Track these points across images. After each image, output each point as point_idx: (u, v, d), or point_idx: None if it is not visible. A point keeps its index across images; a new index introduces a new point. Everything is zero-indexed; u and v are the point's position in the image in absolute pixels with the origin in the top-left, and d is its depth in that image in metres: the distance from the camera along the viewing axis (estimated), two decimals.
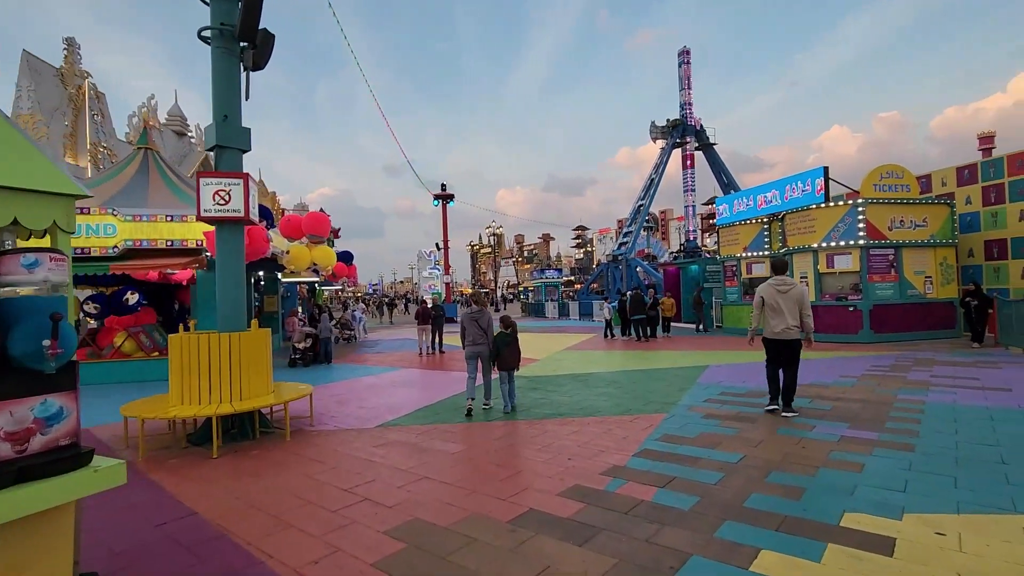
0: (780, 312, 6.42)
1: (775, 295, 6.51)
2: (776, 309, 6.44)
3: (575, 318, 29.63)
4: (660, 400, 7.61)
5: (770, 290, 6.56)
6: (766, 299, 6.56)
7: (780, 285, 6.53)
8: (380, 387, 9.81)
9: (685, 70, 36.16)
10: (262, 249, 9.90)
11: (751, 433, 5.72)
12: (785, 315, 6.39)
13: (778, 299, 6.46)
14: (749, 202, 16.47)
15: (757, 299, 6.67)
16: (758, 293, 6.68)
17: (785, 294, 6.46)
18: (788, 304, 6.40)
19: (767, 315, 6.57)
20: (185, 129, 44.09)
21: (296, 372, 12.27)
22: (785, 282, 6.56)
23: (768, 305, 6.53)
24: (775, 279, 6.64)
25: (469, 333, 7.30)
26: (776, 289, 6.52)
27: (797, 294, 6.45)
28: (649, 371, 10.41)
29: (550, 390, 8.76)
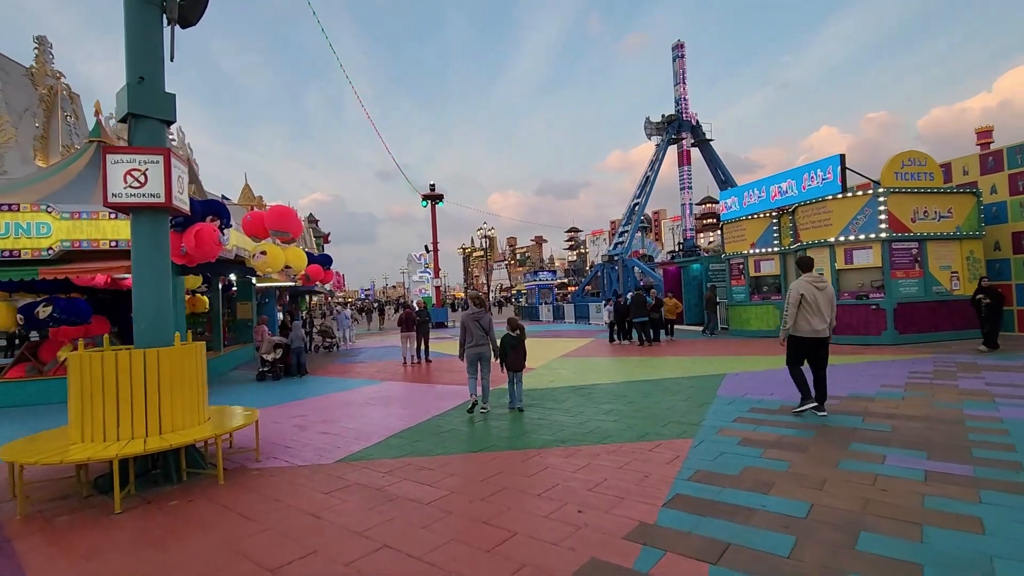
0: (818, 310, 6.22)
1: (815, 292, 6.24)
2: (814, 307, 6.21)
3: (570, 321, 28.45)
4: (681, 420, 6.39)
5: (810, 287, 6.26)
6: (806, 296, 6.23)
7: (817, 282, 6.31)
8: (353, 405, 8.53)
9: (679, 64, 35.17)
10: (211, 251, 8.59)
11: (807, 467, 4.51)
12: (823, 313, 6.23)
13: (818, 296, 6.23)
14: (761, 193, 15.32)
15: (795, 296, 6.30)
16: (796, 290, 6.33)
17: (822, 291, 6.26)
18: (825, 301, 6.24)
19: (804, 313, 6.28)
20: None
21: (264, 387, 10.95)
22: (821, 279, 6.39)
23: (807, 303, 6.23)
24: (810, 276, 6.37)
25: (471, 334, 7.33)
26: (815, 286, 6.26)
27: (831, 292, 6.36)
28: (659, 382, 9.19)
29: (549, 407, 7.52)
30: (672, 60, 35.56)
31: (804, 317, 6.27)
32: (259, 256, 10.56)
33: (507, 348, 7.37)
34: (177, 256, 8.75)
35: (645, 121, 35.24)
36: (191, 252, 8.56)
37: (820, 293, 6.25)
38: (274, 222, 10.02)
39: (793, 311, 6.29)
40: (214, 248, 8.67)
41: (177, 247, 8.62)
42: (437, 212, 32.37)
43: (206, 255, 8.71)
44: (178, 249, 8.63)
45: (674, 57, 35.46)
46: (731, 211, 16.92)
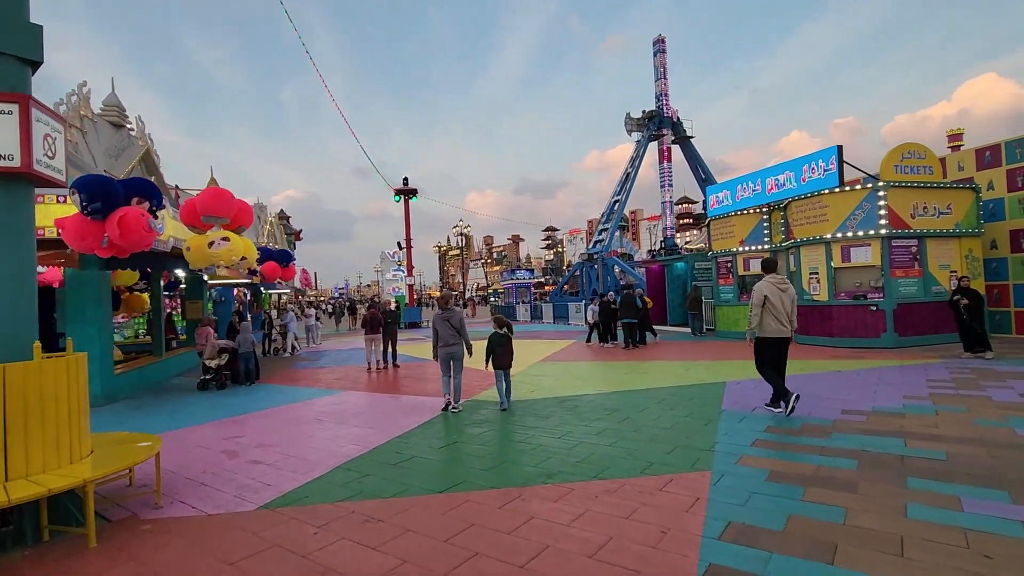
0: (780, 311, 6.33)
1: (778, 294, 6.34)
2: (778, 308, 6.32)
3: (549, 321, 27.43)
4: (688, 443, 5.35)
5: (773, 288, 6.37)
6: (770, 297, 6.32)
7: (780, 283, 6.43)
8: (300, 423, 7.27)
9: (660, 59, 34.49)
10: (141, 239, 7.23)
11: (869, 516, 3.49)
12: (784, 314, 6.34)
13: (782, 298, 6.35)
14: (756, 187, 14.46)
15: (758, 298, 6.39)
16: (760, 292, 6.41)
17: (785, 292, 6.39)
18: (787, 302, 6.37)
19: (767, 315, 6.36)
20: (123, 120, 40.10)
21: (204, 399, 9.57)
22: (783, 281, 6.50)
23: (771, 304, 6.32)
24: (774, 277, 6.49)
25: (441, 335, 7.30)
26: (778, 288, 6.38)
27: (793, 292, 6.51)
28: (654, 392, 8.17)
29: (532, 425, 6.41)
30: (653, 55, 34.85)
31: (769, 318, 6.34)
32: (220, 243, 9.07)
33: (495, 346, 7.36)
34: (99, 248, 7.37)
35: (626, 117, 34.45)
36: (116, 242, 7.19)
37: (783, 294, 6.36)
38: (206, 205, 8.65)
39: (758, 311, 6.38)
40: (144, 236, 7.32)
41: (98, 238, 7.24)
42: (414, 209, 31.03)
43: (135, 245, 7.35)
44: (99, 240, 7.25)
45: (655, 52, 34.76)
46: (721, 206, 16.07)
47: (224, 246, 8.87)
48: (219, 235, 8.85)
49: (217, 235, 8.85)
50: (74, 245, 7.09)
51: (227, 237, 8.83)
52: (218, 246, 8.78)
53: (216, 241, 8.78)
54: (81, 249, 7.18)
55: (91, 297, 9.23)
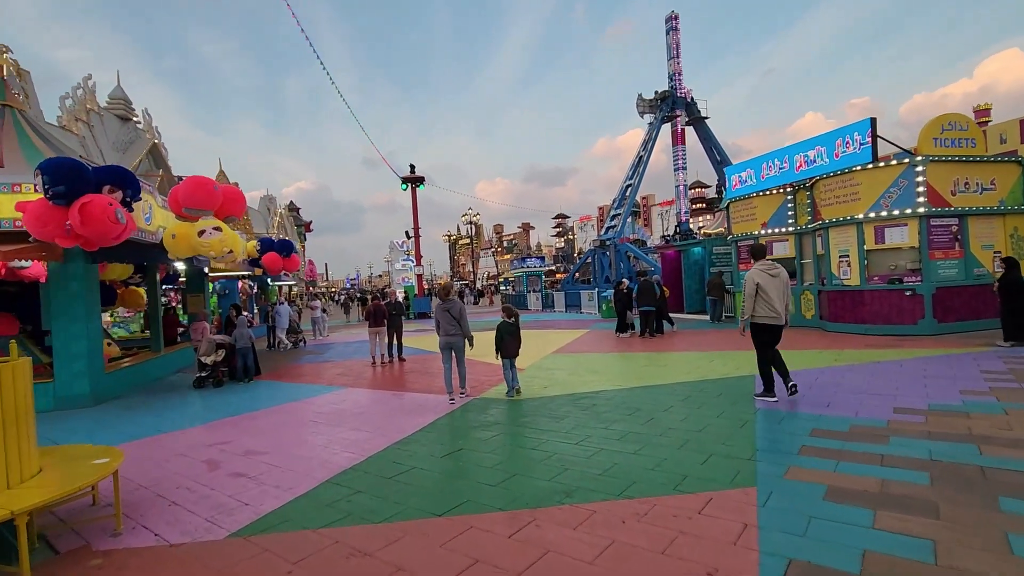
0: (773, 298, 6.21)
1: (769, 280, 6.25)
2: (768, 294, 6.22)
3: (561, 310, 26.74)
4: (726, 450, 4.69)
5: (764, 275, 6.29)
6: (761, 284, 6.24)
7: (771, 269, 6.32)
8: (294, 425, 6.72)
9: (673, 37, 33.25)
10: (105, 230, 6.68)
11: (964, 552, 2.82)
12: (776, 300, 6.22)
13: (772, 283, 6.24)
14: (783, 164, 13.51)
15: (750, 287, 6.31)
16: (751, 280, 6.34)
17: (776, 278, 6.28)
18: (780, 288, 6.25)
19: (760, 302, 6.29)
20: (130, 114, 39.76)
21: (197, 398, 9.08)
22: (774, 266, 6.38)
23: (762, 291, 6.24)
24: (764, 263, 6.40)
25: (442, 325, 7.36)
26: (768, 274, 6.28)
27: (785, 278, 6.37)
28: (677, 388, 7.51)
29: (545, 428, 5.78)
30: (665, 33, 33.62)
31: (762, 305, 6.27)
32: (211, 232, 8.51)
33: (503, 335, 7.41)
34: (63, 236, 6.82)
35: (638, 98, 33.35)
36: (78, 231, 6.64)
37: (774, 280, 6.24)
38: (188, 196, 8.08)
39: (750, 302, 6.29)
40: (109, 227, 6.76)
41: (60, 225, 6.69)
42: (423, 199, 30.39)
43: (99, 235, 6.80)
44: (61, 227, 6.70)
45: (667, 30, 33.51)
46: (745, 186, 15.14)
47: (215, 236, 8.32)
48: (211, 224, 8.29)
49: (209, 224, 8.29)
50: (34, 231, 6.56)
51: (219, 227, 8.27)
52: (209, 235, 8.23)
53: (208, 230, 8.23)
54: (42, 236, 6.65)
55: (76, 292, 8.73)
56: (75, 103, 25.63)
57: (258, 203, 56.37)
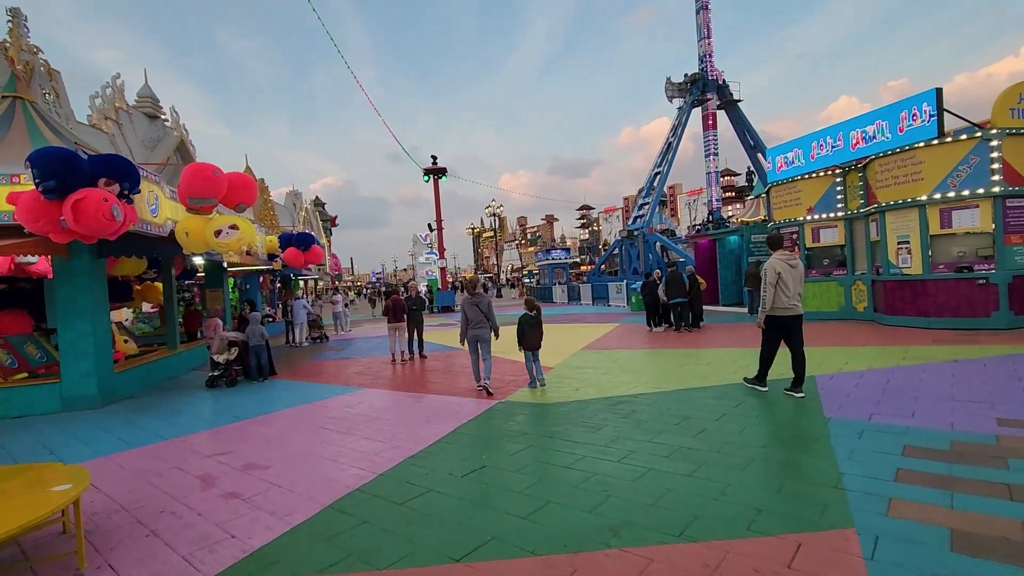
0: (791, 288, 6.19)
1: (788, 270, 6.20)
2: (788, 285, 6.17)
3: (587, 303, 25.90)
4: (803, 474, 3.90)
5: (784, 265, 6.22)
6: (782, 275, 6.17)
7: (790, 260, 6.29)
8: (302, 433, 6.13)
9: (704, 17, 31.73)
10: (99, 227, 6.18)
11: None
12: (792, 290, 6.19)
13: (791, 274, 6.20)
14: (836, 142, 12.35)
15: (772, 275, 6.20)
16: (773, 268, 6.22)
17: (795, 268, 6.25)
18: (796, 279, 6.23)
19: (780, 292, 6.20)
20: (158, 111, 40.22)
21: (208, 399, 8.62)
22: (792, 257, 6.36)
23: (782, 281, 6.18)
24: (783, 254, 6.35)
25: (470, 318, 7.40)
26: (788, 264, 6.24)
27: (802, 269, 6.36)
28: (726, 391, 6.69)
29: (580, 439, 5.06)
30: (695, 12, 32.14)
31: (781, 295, 6.19)
32: (228, 232, 8.00)
33: (525, 328, 7.46)
34: (57, 231, 6.35)
35: (666, 82, 32.02)
36: (72, 227, 6.15)
37: (792, 271, 6.21)
38: (189, 186, 7.54)
39: (772, 291, 6.20)
40: (103, 224, 6.25)
41: (53, 220, 6.21)
42: (447, 192, 29.88)
43: (93, 231, 6.28)
44: (55, 223, 6.22)
45: (697, 8, 32.00)
46: (791, 168, 13.99)
47: (232, 236, 7.80)
48: (227, 222, 7.76)
49: (226, 222, 7.76)
50: (27, 225, 6.10)
51: (236, 225, 7.73)
52: (226, 235, 7.69)
53: (224, 229, 7.69)
54: (35, 231, 6.18)
55: (83, 288, 8.33)
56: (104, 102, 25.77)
57: (284, 199, 56.80)
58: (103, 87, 26.46)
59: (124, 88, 27.10)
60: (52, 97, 30.80)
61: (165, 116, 40.78)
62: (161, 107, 40.26)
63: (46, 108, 22.83)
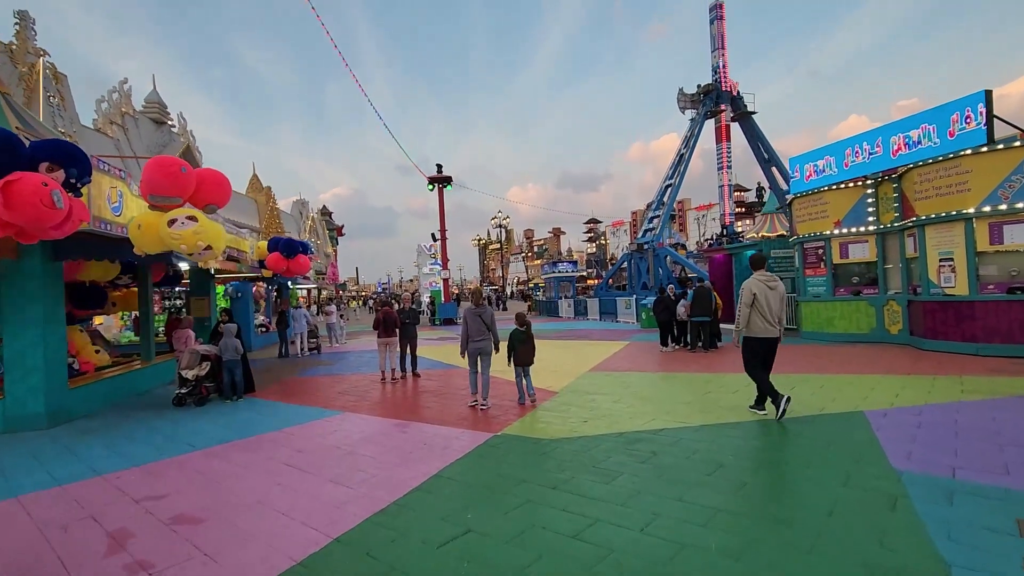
0: (767, 310, 6.00)
1: (767, 291, 6.04)
2: (766, 307, 6.00)
3: (595, 318, 24.88)
4: (896, 561, 2.89)
5: (762, 286, 6.07)
6: (758, 296, 6.02)
7: (769, 281, 6.12)
8: (261, 471, 5.16)
9: (718, 27, 31.06)
10: (38, 216, 5.32)
11: None
12: (772, 313, 6.01)
13: (769, 296, 6.03)
14: (874, 149, 11.30)
15: (747, 296, 6.08)
16: (748, 289, 6.09)
17: (774, 290, 6.07)
18: (775, 301, 6.04)
19: (755, 314, 6.05)
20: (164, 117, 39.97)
21: (171, 420, 7.68)
22: (772, 278, 6.16)
23: (759, 303, 6.01)
24: (762, 275, 6.18)
25: (472, 329, 7.25)
26: (767, 285, 6.07)
27: (783, 290, 6.15)
28: (761, 428, 5.69)
29: (590, 494, 4.07)
30: (709, 23, 31.48)
31: (757, 317, 6.06)
32: (184, 223, 7.08)
33: (515, 343, 7.36)
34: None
35: (679, 93, 31.23)
36: (3, 216, 5.28)
37: (772, 292, 6.06)
38: (151, 182, 6.66)
39: (746, 311, 6.09)
40: (40, 212, 5.38)
41: None
42: (456, 203, 29.24)
43: (32, 223, 5.41)
44: None
45: (711, 19, 31.34)
46: (822, 176, 12.94)
47: (188, 227, 6.88)
48: (184, 212, 6.87)
49: (181, 212, 6.88)
50: None
51: (194, 216, 6.84)
52: (181, 226, 6.79)
53: (180, 219, 6.80)
54: None
55: (33, 293, 7.46)
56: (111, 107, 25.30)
57: (291, 207, 56.39)
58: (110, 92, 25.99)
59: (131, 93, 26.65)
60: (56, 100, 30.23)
61: (172, 122, 40.33)
62: (168, 113, 39.87)
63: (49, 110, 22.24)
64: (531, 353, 7.38)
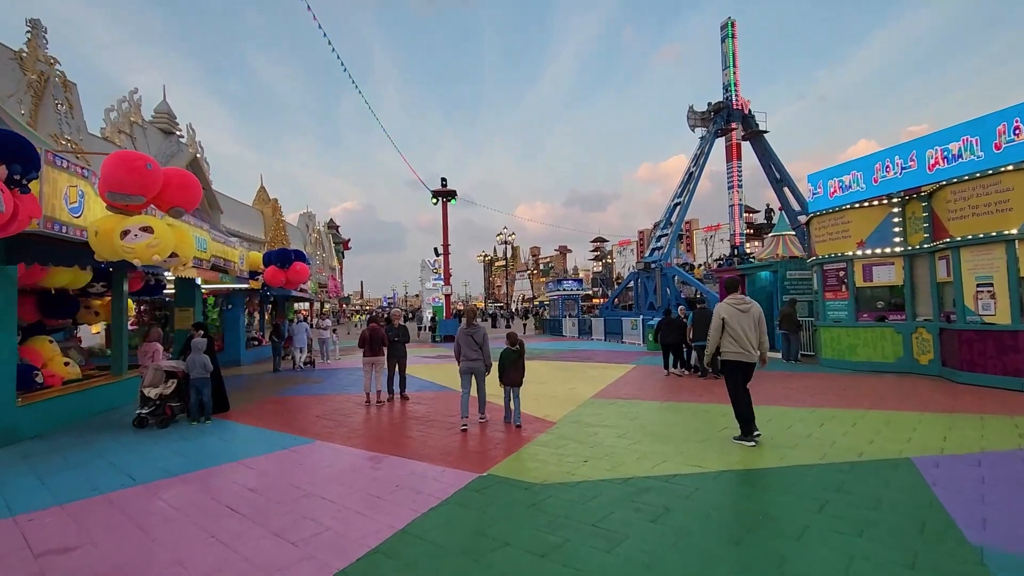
0: (740, 335, 5.86)
1: (737, 315, 5.92)
2: (737, 330, 5.87)
3: (599, 338, 24.00)
4: None
5: (731, 310, 5.96)
6: (728, 320, 5.92)
7: (740, 304, 5.98)
8: (200, 517, 4.36)
9: (728, 45, 30.66)
10: None
11: None
12: (745, 336, 5.85)
13: (741, 320, 5.89)
14: (907, 163, 10.41)
15: (716, 321, 5.99)
16: (718, 314, 6.00)
17: (746, 313, 5.93)
18: (748, 324, 5.88)
19: (726, 338, 5.95)
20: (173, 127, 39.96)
21: (126, 445, 6.90)
22: (744, 301, 6.03)
23: (729, 327, 5.91)
24: (734, 298, 6.04)
25: (463, 350, 7.32)
26: (737, 309, 5.95)
27: (757, 312, 5.99)
28: (796, 477, 4.83)
29: (584, 567, 3.24)
30: (721, 41, 31.07)
31: (728, 341, 5.92)
32: (137, 235, 6.44)
33: (505, 363, 7.31)
34: None
35: (689, 111, 30.72)
36: None
37: (743, 316, 5.90)
38: (110, 178, 5.98)
39: (716, 336, 5.98)
40: None
41: None
42: (463, 219, 28.71)
43: None
44: None
45: (723, 37, 30.94)
46: (850, 193, 12.02)
47: (142, 239, 6.19)
48: (139, 223, 6.18)
49: (136, 222, 6.19)
50: None
51: (149, 227, 6.14)
52: (134, 238, 6.10)
53: (132, 231, 6.11)
54: None
55: None
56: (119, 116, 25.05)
57: (297, 220, 56.11)
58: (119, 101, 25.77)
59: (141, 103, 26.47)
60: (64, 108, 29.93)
61: (181, 132, 40.19)
62: (177, 123, 39.78)
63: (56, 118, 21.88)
64: (521, 373, 7.29)
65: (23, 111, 25.97)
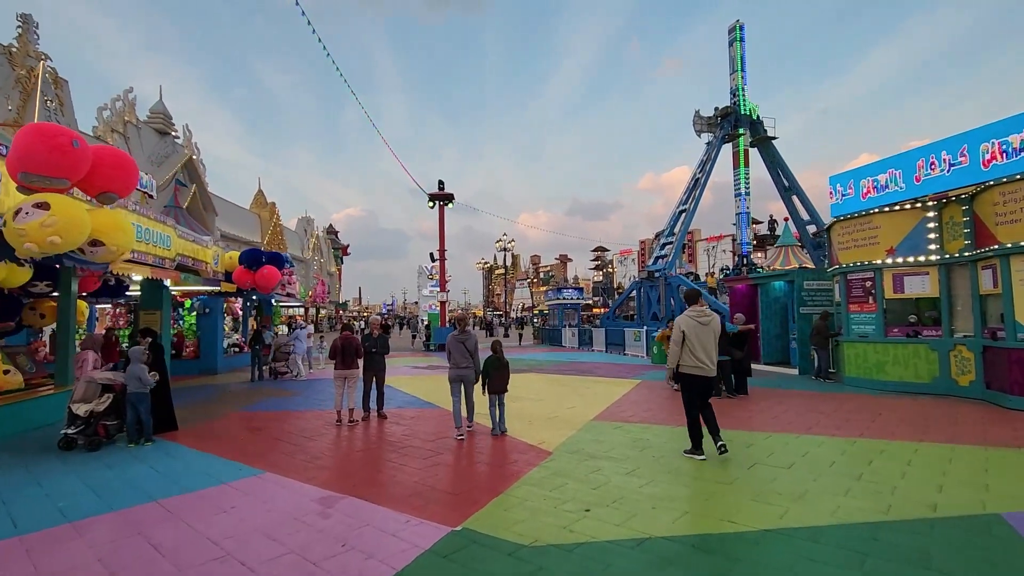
0: (699, 347, 5.81)
1: (697, 328, 5.84)
2: (696, 343, 5.81)
3: (600, 349, 22.88)
4: None
5: (691, 322, 5.88)
6: (687, 332, 5.84)
7: (700, 316, 5.91)
8: None
9: (735, 49, 29.76)
10: None
11: None
12: (701, 349, 5.81)
13: (700, 332, 5.83)
14: (957, 159, 9.07)
15: (677, 334, 5.93)
16: (679, 326, 5.94)
17: (706, 326, 5.87)
18: (707, 337, 5.84)
19: (684, 351, 5.86)
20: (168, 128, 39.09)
21: (36, 476, 5.78)
22: (704, 313, 5.97)
23: (689, 339, 5.83)
24: (694, 310, 5.98)
25: (454, 356, 7.27)
26: (698, 322, 5.87)
27: (717, 325, 5.97)
28: (860, 532, 3.71)
29: None
30: (728, 44, 30.21)
31: (686, 354, 5.84)
32: (30, 212, 5.23)
33: (490, 370, 7.33)
34: None
35: (695, 116, 29.77)
36: None
37: (703, 328, 5.84)
38: (25, 155, 4.88)
39: (676, 349, 5.90)
40: None
41: None
42: (464, 227, 27.77)
43: None
44: None
45: (730, 41, 30.07)
46: (886, 193, 10.73)
47: (34, 217, 5.09)
48: (32, 199, 5.10)
49: (31, 199, 5.11)
50: None
51: (44, 202, 5.06)
52: (25, 217, 5.01)
53: (26, 208, 5.02)
54: None
55: None
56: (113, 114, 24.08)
57: (295, 224, 55.03)
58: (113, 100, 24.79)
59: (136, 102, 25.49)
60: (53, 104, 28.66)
61: (176, 133, 39.00)
62: (173, 124, 38.62)
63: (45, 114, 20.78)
64: (505, 380, 7.38)
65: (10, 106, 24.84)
